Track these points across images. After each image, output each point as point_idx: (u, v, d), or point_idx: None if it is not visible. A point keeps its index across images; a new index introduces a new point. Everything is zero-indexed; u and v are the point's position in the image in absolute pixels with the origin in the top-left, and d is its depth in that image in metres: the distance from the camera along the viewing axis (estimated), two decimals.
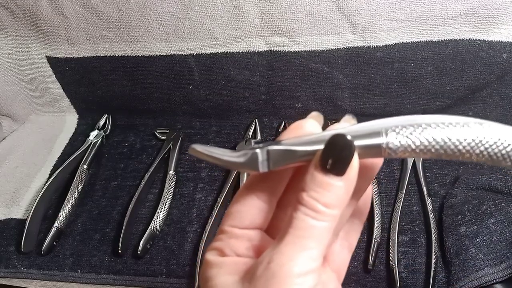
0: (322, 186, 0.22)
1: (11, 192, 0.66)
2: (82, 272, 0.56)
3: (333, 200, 0.22)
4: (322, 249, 0.22)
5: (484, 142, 0.21)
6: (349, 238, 0.29)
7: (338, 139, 0.22)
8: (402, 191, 0.58)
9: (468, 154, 0.21)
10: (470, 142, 0.21)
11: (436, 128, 0.22)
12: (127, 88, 0.71)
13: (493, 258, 0.47)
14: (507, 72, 0.60)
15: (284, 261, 0.21)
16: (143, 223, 0.60)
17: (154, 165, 0.65)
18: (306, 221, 0.22)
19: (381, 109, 0.66)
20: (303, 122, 0.25)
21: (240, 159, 0.23)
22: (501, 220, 0.49)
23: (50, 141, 0.74)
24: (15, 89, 0.73)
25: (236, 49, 0.63)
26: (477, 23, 0.56)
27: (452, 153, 0.21)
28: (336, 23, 0.58)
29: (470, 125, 0.22)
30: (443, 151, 0.22)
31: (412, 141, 0.22)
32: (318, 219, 0.22)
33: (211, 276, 0.24)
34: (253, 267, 0.23)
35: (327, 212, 0.22)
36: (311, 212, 0.22)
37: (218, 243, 0.25)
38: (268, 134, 0.70)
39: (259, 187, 0.25)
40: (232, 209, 0.25)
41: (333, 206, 0.22)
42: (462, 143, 0.21)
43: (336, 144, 0.22)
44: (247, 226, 0.25)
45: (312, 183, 0.22)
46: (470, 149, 0.21)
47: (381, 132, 0.22)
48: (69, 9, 0.62)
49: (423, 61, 0.60)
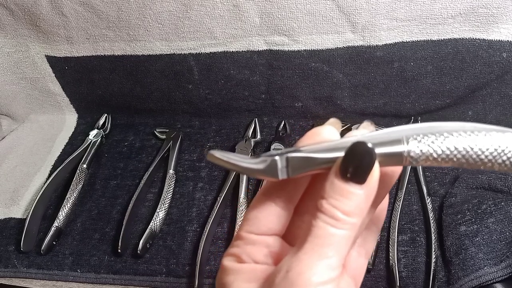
0: (342, 194, 0.22)
1: (11, 192, 0.66)
2: (82, 271, 0.56)
3: (353, 208, 0.22)
4: (342, 257, 0.22)
5: (506, 152, 0.21)
6: (366, 244, 0.28)
7: (359, 147, 0.21)
8: (402, 190, 0.58)
9: (490, 164, 0.21)
10: (492, 151, 0.21)
11: (458, 136, 0.21)
12: (126, 87, 0.71)
13: (493, 257, 0.47)
14: (507, 71, 0.60)
15: (303, 270, 0.21)
16: (143, 223, 0.60)
17: (153, 164, 0.65)
18: (325, 229, 0.22)
19: (381, 108, 0.66)
20: (321, 129, 0.24)
21: (259, 166, 0.23)
22: (501, 219, 0.49)
23: (50, 141, 0.74)
24: (14, 88, 0.73)
25: (236, 48, 0.63)
26: (476, 22, 0.56)
27: (474, 162, 0.21)
28: (336, 22, 0.58)
29: (492, 134, 0.21)
30: (464, 161, 0.21)
31: (434, 149, 0.21)
32: (338, 227, 0.21)
33: (228, 283, 0.24)
34: (272, 275, 0.22)
35: (347, 220, 0.22)
36: (331, 220, 0.22)
37: (235, 249, 0.25)
38: (268, 133, 0.70)
39: (276, 193, 0.25)
40: (249, 215, 0.25)
41: (353, 215, 0.22)
42: (484, 152, 0.21)
43: (357, 152, 0.21)
44: (265, 233, 0.25)
45: (332, 191, 0.22)
46: (493, 159, 0.21)
47: (402, 140, 0.22)
48: (69, 8, 0.62)
49: (423, 60, 0.60)
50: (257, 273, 0.24)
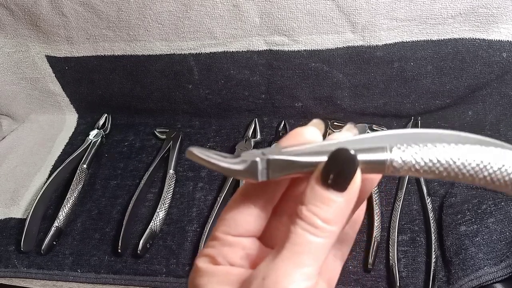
0: (323, 201, 0.21)
1: (11, 192, 0.66)
2: (82, 271, 0.56)
3: (333, 216, 0.21)
4: (319, 266, 0.21)
5: (488, 168, 0.21)
6: (342, 248, 0.28)
7: (342, 153, 0.21)
8: (402, 190, 0.58)
9: (471, 178, 0.21)
10: (474, 166, 0.21)
11: (441, 148, 0.21)
12: (126, 87, 0.71)
13: (493, 257, 0.47)
14: (506, 71, 0.60)
15: (279, 278, 0.21)
16: (143, 223, 0.60)
17: (153, 164, 0.65)
18: (304, 237, 0.21)
19: (381, 108, 0.66)
20: (303, 129, 0.24)
21: (238, 166, 0.22)
22: (501, 219, 0.49)
23: (50, 141, 0.74)
24: (14, 88, 0.73)
25: (236, 48, 0.63)
26: (476, 22, 0.56)
27: (455, 175, 0.21)
28: (336, 22, 0.58)
29: (475, 148, 0.21)
30: (446, 174, 0.21)
31: (417, 161, 0.21)
32: (317, 235, 0.21)
33: (201, 285, 0.23)
34: (247, 281, 0.22)
35: (326, 228, 0.21)
36: (310, 227, 0.21)
37: (210, 250, 0.24)
38: (268, 133, 0.70)
39: (255, 194, 0.24)
40: (226, 215, 0.24)
41: (333, 222, 0.21)
42: (466, 167, 0.21)
43: (339, 158, 0.21)
44: (242, 234, 0.24)
45: (312, 197, 0.21)
46: (474, 174, 0.21)
47: (385, 148, 0.21)
48: (69, 8, 0.62)
49: (423, 60, 0.60)
50: (232, 276, 0.23)
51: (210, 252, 0.24)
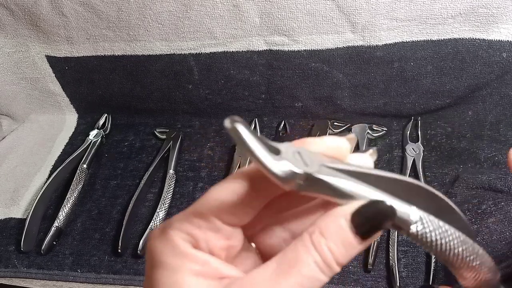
0: (345, 243, 0.20)
1: (11, 192, 0.66)
2: (82, 271, 0.56)
3: (346, 261, 0.20)
4: None
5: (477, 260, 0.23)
6: None
7: (387, 212, 0.20)
8: None
9: (463, 264, 0.22)
10: (468, 256, 0.22)
11: (453, 233, 0.21)
12: (126, 87, 0.71)
13: (493, 257, 0.47)
14: (506, 71, 0.60)
15: None
16: (143, 223, 0.60)
17: (154, 164, 0.65)
18: (314, 271, 0.20)
19: (381, 108, 0.66)
20: (342, 143, 0.22)
21: (275, 168, 0.19)
22: (501, 219, 0.49)
23: (50, 141, 0.74)
24: (14, 88, 0.73)
25: (236, 48, 0.63)
26: (476, 22, 0.56)
27: (447, 259, 0.21)
28: (336, 22, 0.58)
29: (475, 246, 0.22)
30: (442, 257, 0.21)
31: (430, 238, 0.20)
32: (325, 274, 0.20)
33: (175, 267, 0.21)
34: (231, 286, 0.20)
35: (335, 271, 0.20)
36: (323, 265, 0.20)
37: (195, 229, 0.21)
38: (268, 133, 0.70)
39: (265, 189, 0.21)
40: (226, 197, 0.21)
41: (342, 266, 0.20)
42: (461, 255, 0.22)
43: (381, 214, 0.20)
44: (233, 224, 0.22)
45: (335, 235, 0.20)
46: (463, 262, 0.22)
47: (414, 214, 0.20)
48: (69, 8, 0.62)
49: (423, 60, 0.60)
50: (210, 268, 0.21)
51: (194, 232, 0.21)
